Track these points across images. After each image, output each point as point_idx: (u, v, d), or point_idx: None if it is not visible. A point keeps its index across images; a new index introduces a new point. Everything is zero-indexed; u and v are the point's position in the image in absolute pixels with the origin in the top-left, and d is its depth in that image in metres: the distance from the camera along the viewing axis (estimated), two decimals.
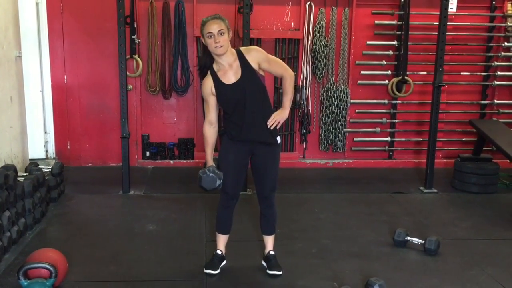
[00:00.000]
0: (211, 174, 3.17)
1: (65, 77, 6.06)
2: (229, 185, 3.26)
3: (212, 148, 3.29)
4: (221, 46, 3.04)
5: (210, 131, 3.26)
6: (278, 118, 3.19)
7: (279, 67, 3.23)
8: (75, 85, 6.10)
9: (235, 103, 3.15)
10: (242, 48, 3.19)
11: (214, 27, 3.03)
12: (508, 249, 3.95)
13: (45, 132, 6.08)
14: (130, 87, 5.97)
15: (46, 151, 6.11)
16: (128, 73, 5.35)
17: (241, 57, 3.13)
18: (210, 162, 3.25)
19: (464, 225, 4.46)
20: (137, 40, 5.96)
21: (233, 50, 3.16)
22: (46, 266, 2.94)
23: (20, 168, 4.98)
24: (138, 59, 5.95)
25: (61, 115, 6.12)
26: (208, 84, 3.17)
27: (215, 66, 3.17)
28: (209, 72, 3.18)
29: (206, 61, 3.18)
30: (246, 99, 3.13)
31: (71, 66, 6.05)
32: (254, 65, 3.13)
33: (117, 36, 4.93)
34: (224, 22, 3.08)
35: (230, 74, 3.14)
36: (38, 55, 5.87)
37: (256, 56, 3.15)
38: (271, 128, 3.18)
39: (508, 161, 5.19)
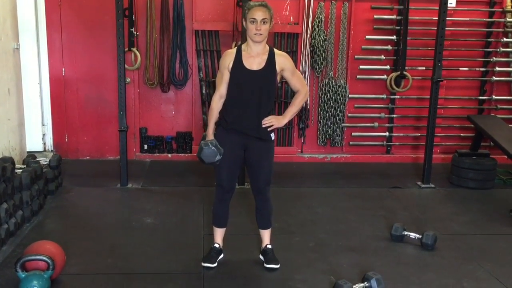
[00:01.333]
0: (212, 147, 3.18)
1: (63, 69, 6.04)
2: (224, 178, 3.27)
3: (215, 121, 3.29)
4: (261, 34, 3.09)
5: (219, 104, 3.27)
6: (274, 121, 3.23)
7: (299, 81, 3.32)
8: (73, 78, 6.07)
9: (244, 89, 3.17)
10: (275, 50, 3.25)
11: (259, 14, 3.07)
12: (505, 244, 3.96)
13: (43, 125, 6.06)
14: (128, 80, 5.95)
15: (44, 144, 6.10)
16: (126, 66, 5.33)
17: (271, 55, 3.19)
18: (211, 136, 3.26)
19: (461, 220, 4.47)
20: (135, 33, 5.94)
21: (267, 45, 3.20)
22: (44, 258, 2.95)
23: (17, 160, 4.97)
24: (137, 52, 5.93)
25: (59, 107, 6.10)
26: (229, 58, 3.20)
27: (243, 47, 3.21)
28: (235, 49, 3.22)
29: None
30: (255, 90, 3.16)
31: (69, 58, 6.02)
32: (278, 68, 3.20)
33: (116, 28, 4.91)
34: (269, 12, 3.12)
35: (253, 62, 3.17)
36: (36, 47, 5.85)
37: (284, 62, 3.22)
38: (264, 126, 3.20)
39: (505, 156, 5.20)
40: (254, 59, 3.17)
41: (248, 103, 3.17)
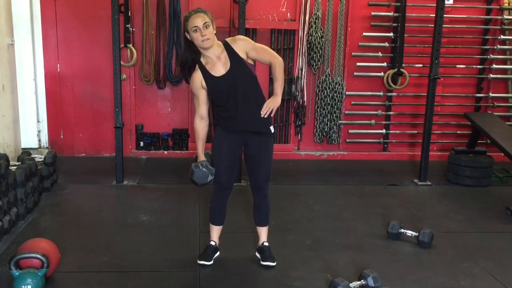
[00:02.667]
0: (203, 169, 3.17)
1: (58, 65, 6.00)
2: (222, 175, 3.25)
3: (203, 142, 3.28)
4: (208, 39, 3.03)
5: (201, 125, 3.25)
6: (271, 105, 3.18)
7: (267, 54, 3.21)
8: (68, 74, 6.04)
9: (227, 94, 3.13)
10: (228, 39, 3.18)
11: (198, 21, 3.02)
12: (501, 242, 3.96)
13: (38, 121, 6.03)
14: (124, 76, 5.92)
15: (39, 140, 6.07)
16: (122, 62, 5.30)
17: (228, 48, 3.12)
18: (202, 157, 3.25)
19: (458, 217, 4.47)
20: (131, 29, 5.91)
21: (219, 42, 3.14)
22: (38, 256, 2.93)
23: (12, 157, 4.94)
24: (132, 48, 5.90)
25: (54, 104, 6.07)
26: (198, 78, 3.15)
27: (202, 60, 3.15)
28: (197, 66, 3.16)
29: (188, 57, 3.15)
30: (238, 90, 3.11)
31: (64, 54, 5.99)
32: (242, 54, 3.12)
33: (111, 24, 4.88)
34: (208, 15, 3.08)
35: (219, 66, 3.12)
36: (31, 43, 5.81)
37: (242, 45, 3.14)
38: (265, 116, 3.16)
39: (502, 154, 5.20)
40: (218, 64, 3.11)
41: (237, 104, 3.13)
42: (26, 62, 5.79)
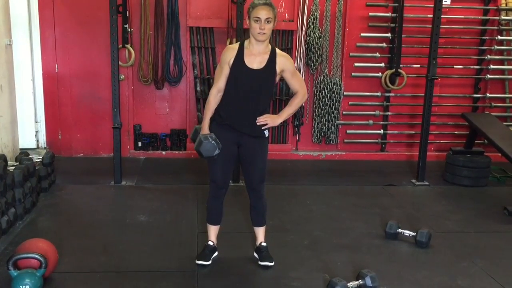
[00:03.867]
0: (212, 141, 3.15)
1: (56, 66, 6.00)
2: (218, 174, 3.27)
3: (211, 115, 3.26)
4: (264, 33, 3.08)
5: (216, 98, 3.25)
6: (268, 120, 3.23)
7: (298, 83, 3.32)
8: (66, 74, 6.03)
9: (242, 86, 3.16)
10: (278, 49, 3.25)
11: (263, 13, 3.05)
12: (499, 241, 3.98)
13: (36, 122, 6.03)
14: (122, 77, 5.92)
15: (37, 141, 6.07)
16: (120, 62, 5.30)
17: (273, 55, 3.18)
18: (207, 129, 3.24)
19: (455, 217, 4.48)
20: (129, 29, 5.90)
21: (269, 44, 3.19)
22: (36, 256, 2.92)
23: (10, 157, 4.93)
24: (131, 49, 5.90)
25: (52, 104, 6.06)
26: (231, 53, 3.19)
27: (246, 44, 3.19)
28: (238, 44, 3.20)
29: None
30: (253, 90, 3.16)
31: (62, 55, 5.98)
32: (278, 69, 3.19)
33: (109, 25, 4.88)
34: (274, 11, 3.11)
35: (254, 60, 3.16)
36: (29, 43, 5.81)
37: (285, 63, 3.21)
38: (258, 123, 3.20)
39: (499, 154, 5.21)
40: (256, 58, 3.15)
41: (244, 101, 3.16)
42: (24, 62, 5.78)
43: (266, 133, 3.28)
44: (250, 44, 3.17)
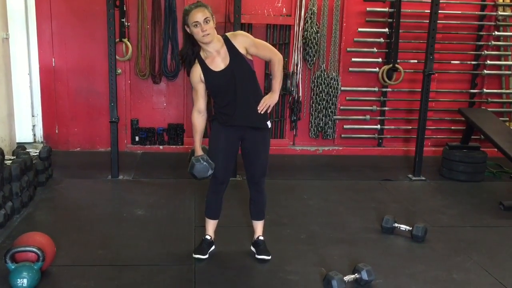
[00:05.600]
0: (204, 163, 3.17)
1: (53, 60, 5.98)
2: (219, 169, 3.26)
3: (201, 136, 3.30)
4: (208, 34, 3.02)
5: (199, 119, 3.25)
6: (268, 102, 3.19)
7: (267, 51, 3.21)
8: (63, 68, 6.02)
9: (225, 89, 3.14)
10: (228, 34, 3.17)
11: (199, 16, 2.99)
12: (494, 236, 4.00)
13: (33, 116, 6.01)
14: (119, 71, 5.91)
15: (34, 135, 6.06)
16: (117, 57, 5.29)
17: (228, 43, 3.11)
18: (199, 151, 3.26)
19: (451, 212, 4.50)
20: (126, 23, 5.89)
21: (219, 37, 3.13)
22: (34, 249, 2.93)
23: (7, 151, 4.93)
24: (128, 43, 5.89)
25: (49, 98, 6.05)
26: (197, 72, 3.15)
27: (202, 54, 3.15)
28: (196, 60, 3.16)
29: (188, 50, 3.14)
30: (236, 85, 3.12)
31: (59, 49, 5.96)
32: (241, 50, 3.12)
33: (106, 19, 4.86)
34: (208, 9, 3.05)
35: (219, 61, 3.12)
36: (26, 37, 5.79)
37: (243, 41, 3.13)
38: (262, 112, 3.17)
39: (496, 149, 5.23)
40: (217, 59, 3.11)
41: (235, 100, 3.14)
42: (20, 56, 5.77)
43: (269, 124, 3.27)
44: (204, 51, 3.13)
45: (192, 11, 3.02)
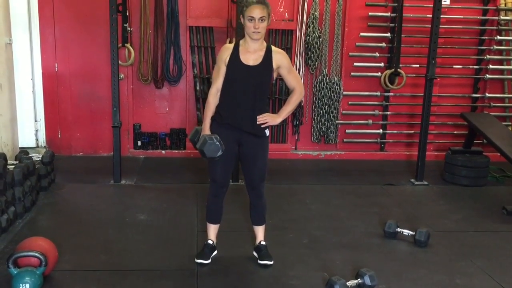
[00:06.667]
0: (217, 142, 3.14)
1: (56, 65, 6.00)
2: (218, 173, 3.27)
3: (212, 114, 3.28)
4: (259, 32, 3.10)
5: (216, 98, 3.27)
6: (268, 119, 3.24)
7: (295, 79, 3.32)
8: (66, 73, 6.03)
9: (239, 84, 3.18)
10: (273, 47, 3.27)
11: (256, 12, 3.06)
12: (497, 241, 3.98)
13: (36, 121, 6.03)
14: (122, 76, 5.92)
15: (37, 140, 6.07)
16: (120, 61, 5.30)
17: (268, 52, 3.20)
18: (208, 130, 3.24)
19: (454, 217, 4.49)
20: (129, 28, 5.91)
21: (264, 42, 3.21)
22: (36, 254, 2.93)
23: (10, 156, 4.94)
24: (130, 48, 5.90)
25: (52, 103, 6.06)
26: (226, 52, 3.22)
27: (241, 42, 3.23)
28: (233, 43, 3.24)
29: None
30: (249, 86, 3.17)
31: (62, 53, 5.98)
32: (274, 65, 3.20)
33: (109, 24, 4.88)
34: (268, 9, 3.12)
35: (250, 57, 3.18)
36: (29, 42, 5.81)
37: (281, 59, 3.23)
38: (258, 122, 3.21)
39: (498, 154, 5.22)
40: (251, 55, 3.18)
41: (242, 98, 3.17)
42: (24, 61, 5.79)
43: (267, 132, 3.29)
44: (245, 42, 3.21)
45: (253, 5, 3.08)
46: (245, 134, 3.23)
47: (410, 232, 3.85)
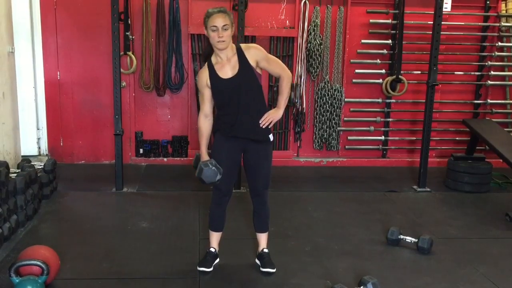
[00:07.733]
0: (213, 167, 3.14)
1: (58, 73, 6.02)
2: (222, 181, 3.26)
3: (207, 141, 3.28)
4: (223, 41, 3.06)
5: (206, 123, 3.25)
6: (271, 117, 3.20)
7: (277, 66, 3.24)
8: (68, 82, 6.06)
9: (229, 98, 3.15)
10: (242, 45, 3.19)
11: (219, 21, 3.04)
12: (501, 248, 3.97)
13: (38, 129, 6.05)
14: (123, 84, 5.95)
15: (39, 148, 6.08)
16: (122, 70, 5.32)
17: (240, 53, 3.14)
18: (206, 155, 3.24)
19: (457, 224, 4.47)
20: (131, 36, 5.93)
21: (233, 45, 3.16)
22: (38, 263, 2.92)
23: (12, 164, 4.94)
24: (132, 56, 5.92)
25: (54, 111, 6.08)
26: (204, 76, 3.18)
27: (213, 59, 3.18)
28: (206, 64, 3.19)
29: (210, 51, 3.20)
30: (241, 95, 3.13)
31: (64, 62, 6.01)
32: (252, 62, 3.14)
33: (111, 32, 4.90)
34: (229, 17, 3.09)
35: (227, 69, 3.14)
36: (31, 50, 5.85)
37: (255, 53, 3.16)
38: (264, 127, 3.18)
39: (501, 160, 5.21)
40: (227, 66, 3.14)
41: (239, 109, 3.14)
42: (26, 69, 5.82)
43: (271, 137, 3.28)
44: (216, 56, 3.17)
45: (214, 15, 3.07)
46: (249, 141, 3.22)
47: (413, 239, 3.83)
